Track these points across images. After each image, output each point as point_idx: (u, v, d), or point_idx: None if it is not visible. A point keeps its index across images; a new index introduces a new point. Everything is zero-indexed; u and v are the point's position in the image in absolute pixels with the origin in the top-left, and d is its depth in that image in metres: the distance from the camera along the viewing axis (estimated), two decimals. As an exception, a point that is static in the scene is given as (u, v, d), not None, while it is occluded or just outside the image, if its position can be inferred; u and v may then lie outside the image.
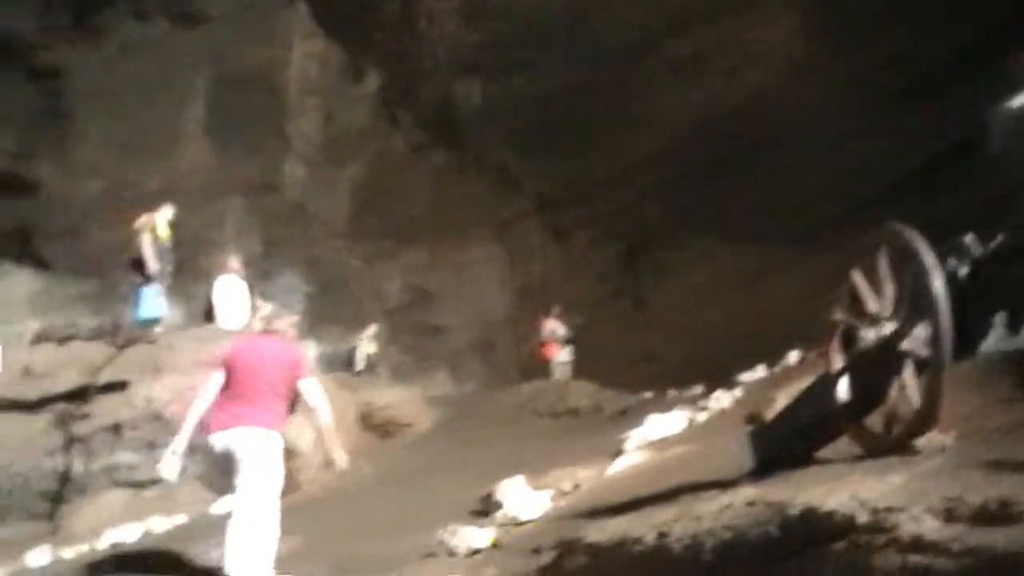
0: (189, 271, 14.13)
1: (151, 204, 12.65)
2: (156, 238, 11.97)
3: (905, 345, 3.69)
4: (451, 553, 5.85)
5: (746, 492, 3.58)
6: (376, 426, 11.68)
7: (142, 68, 17.73)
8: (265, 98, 18.66)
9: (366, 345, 16.52)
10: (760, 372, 10.21)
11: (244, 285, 13.14)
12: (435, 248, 20.32)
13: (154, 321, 11.14)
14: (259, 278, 14.69)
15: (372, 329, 17.00)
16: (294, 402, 6.18)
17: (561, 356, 16.93)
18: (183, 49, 17.83)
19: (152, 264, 11.64)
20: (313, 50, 19.25)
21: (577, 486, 6.90)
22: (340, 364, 15.63)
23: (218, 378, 6.17)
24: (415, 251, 20.11)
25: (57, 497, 9.61)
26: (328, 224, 19.30)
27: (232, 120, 18.19)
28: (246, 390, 5.97)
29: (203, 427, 6.11)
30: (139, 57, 17.56)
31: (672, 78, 18.78)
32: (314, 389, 6.21)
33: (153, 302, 11.68)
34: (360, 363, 16.16)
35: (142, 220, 12.12)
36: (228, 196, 17.92)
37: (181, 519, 8.79)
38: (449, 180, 20.40)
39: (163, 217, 12.27)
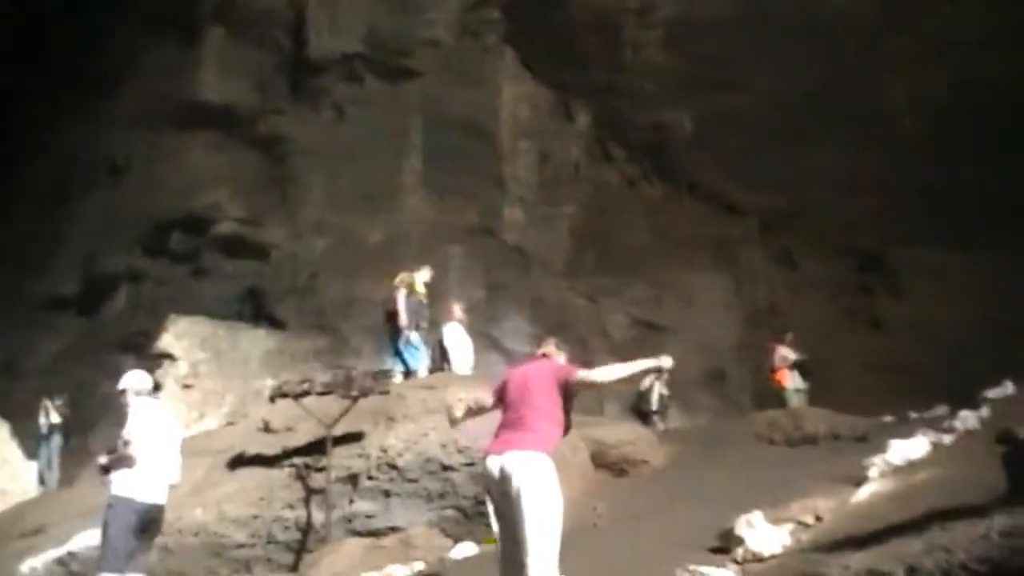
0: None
1: (377, 258, 13.11)
2: (412, 293, 12.72)
3: None
4: None
5: (1002, 521, 3.23)
6: (609, 464, 11.50)
7: (358, 127, 18.39)
8: (479, 144, 19.01)
9: (659, 387, 16.41)
10: (1009, 388, 9.51)
11: (465, 330, 13.50)
12: (658, 280, 20.09)
13: (388, 372, 11.45)
14: (484, 322, 14.85)
15: (665, 374, 16.86)
16: (567, 423, 6.00)
17: (795, 382, 16.30)
18: (396, 104, 18.41)
19: (404, 317, 12.38)
20: (522, 92, 19.51)
21: (819, 518, 6.54)
22: (629, 406, 15.79)
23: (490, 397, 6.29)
24: (638, 284, 19.94)
25: (299, 547, 9.87)
26: (549, 264, 19.41)
27: (448, 168, 18.60)
28: (512, 414, 5.93)
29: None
30: (354, 117, 18.25)
31: (896, 75, 17.94)
32: (587, 372, 6.00)
33: (408, 353, 12.38)
34: (655, 403, 16.09)
35: (401, 276, 12.92)
36: (449, 243, 18.29)
37: (419, 566, 8.85)
38: (667, 210, 20.18)
39: (421, 277, 13.13)
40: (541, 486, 5.59)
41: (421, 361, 12.67)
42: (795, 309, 19.52)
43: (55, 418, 16.04)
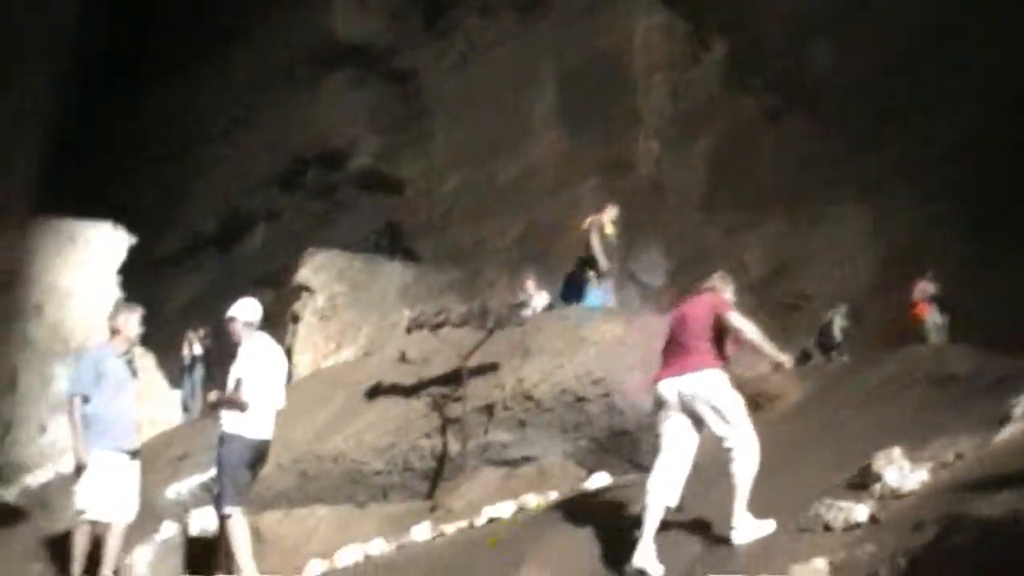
0: (549, 257, 14.43)
1: (510, 193, 13.09)
2: (604, 236, 12.70)
3: None
4: (827, 528, 5.61)
5: None
6: (745, 399, 11.32)
7: (492, 63, 18.28)
8: (613, 78, 18.70)
9: (840, 319, 16.19)
10: None
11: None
12: (795, 215, 19.54)
13: (524, 305, 11.45)
14: (621, 257, 14.68)
15: (843, 307, 16.64)
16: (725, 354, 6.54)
17: (934, 317, 15.77)
18: (529, 39, 18.23)
19: (603, 261, 12.40)
20: (656, 24, 19.09)
21: (959, 457, 6.28)
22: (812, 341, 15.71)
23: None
24: (775, 219, 19.44)
25: (435, 475, 9.96)
26: (685, 198, 19.07)
27: (582, 104, 18.36)
28: (677, 341, 6.53)
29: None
30: (488, 52, 18.13)
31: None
32: (737, 318, 6.48)
33: (602, 298, 12.41)
34: (838, 336, 15.92)
35: (591, 220, 12.93)
36: (583, 178, 18.11)
37: (554, 496, 8.83)
38: (805, 144, 19.54)
39: (608, 216, 13.00)
40: (725, 392, 6.33)
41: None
42: (936, 245, 18.77)
43: (197, 350, 16.54)
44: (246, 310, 8.46)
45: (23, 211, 17.86)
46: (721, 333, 6.47)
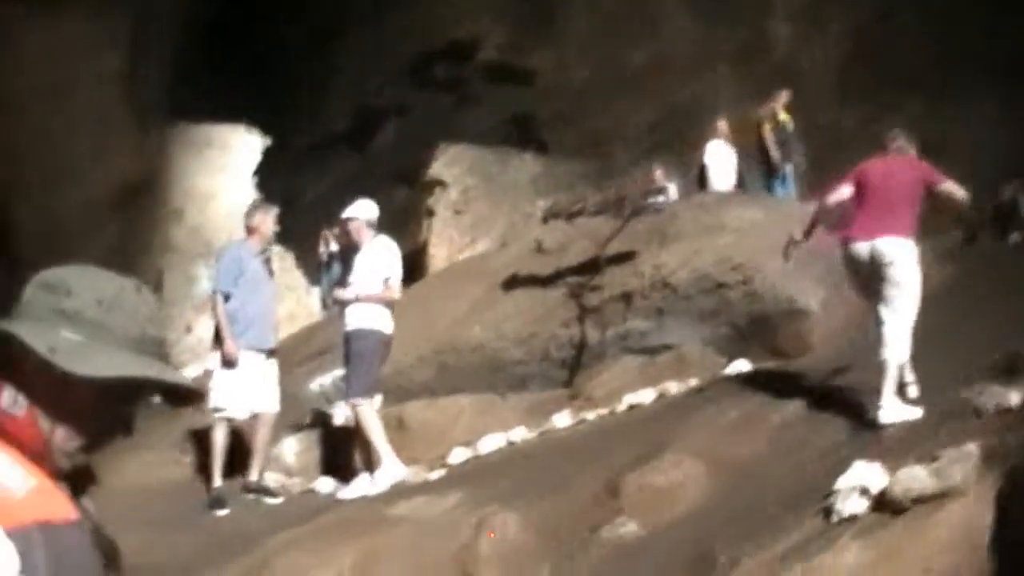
0: (683, 144, 14.17)
1: (642, 79, 12.79)
2: (776, 125, 12.41)
3: None
4: (977, 413, 5.44)
5: None
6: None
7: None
8: (746, -43, 18.05)
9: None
10: None
11: (732, 149, 13.14)
12: (935, 100, 18.72)
13: (662, 190, 11.24)
14: (755, 141, 14.31)
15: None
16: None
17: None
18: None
19: (774, 153, 12.16)
20: None
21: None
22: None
23: (844, 191, 6.75)
24: (914, 102, 18.64)
25: (573, 364, 9.98)
26: (819, 82, 18.41)
27: (714, -14, 17.78)
28: (878, 204, 6.45)
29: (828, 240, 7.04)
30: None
31: None
32: (951, 185, 6.54)
33: (783, 189, 12.25)
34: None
35: (762, 110, 12.64)
36: (715, 64, 17.64)
37: (694, 383, 8.78)
38: (946, 21, 18.62)
39: (781, 103, 12.74)
40: (909, 268, 6.28)
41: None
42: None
43: (333, 247, 16.80)
44: (367, 210, 8.55)
45: (160, 118, 18.27)
46: (919, 202, 6.50)
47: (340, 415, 9.44)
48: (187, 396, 1.90)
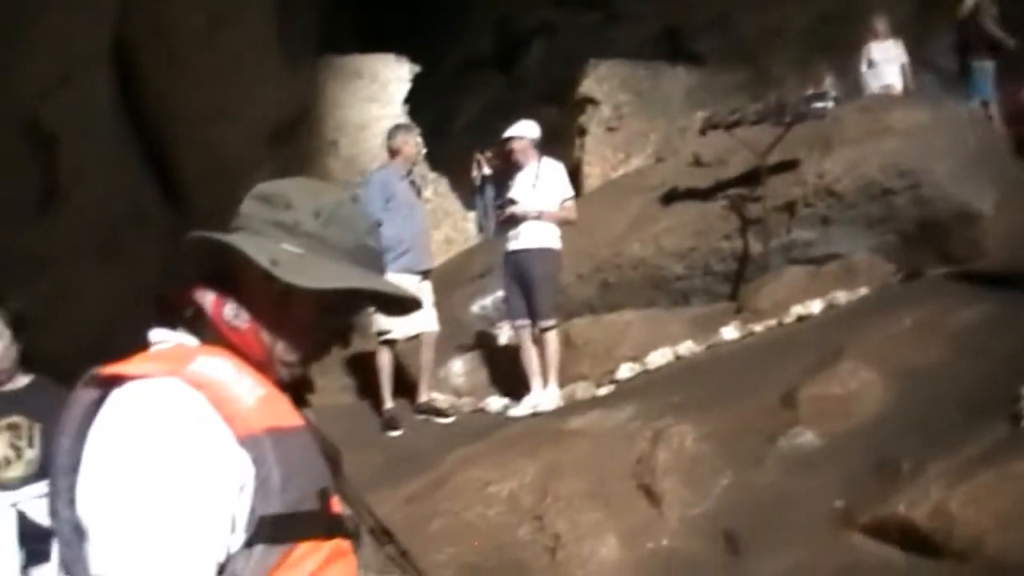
0: (841, 47, 13.71)
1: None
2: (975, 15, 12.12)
3: None
4: None
5: None
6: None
7: None
8: None
9: None
10: None
11: (894, 48, 12.67)
12: None
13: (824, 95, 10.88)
14: (914, 41, 13.75)
15: None
16: None
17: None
18: None
19: (998, 33, 11.82)
20: None
21: None
22: None
23: None
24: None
25: (736, 277, 9.88)
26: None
27: None
28: None
29: None
30: None
31: None
32: None
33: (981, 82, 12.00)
34: None
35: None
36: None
37: (863, 291, 8.61)
38: None
39: None
40: None
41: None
42: None
43: (486, 170, 16.88)
44: (531, 129, 8.56)
45: (310, 51, 18.53)
46: None
47: (504, 335, 9.60)
48: (404, 306, 1.90)
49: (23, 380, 4.69)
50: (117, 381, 1.64)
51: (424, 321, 8.34)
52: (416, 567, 2.13)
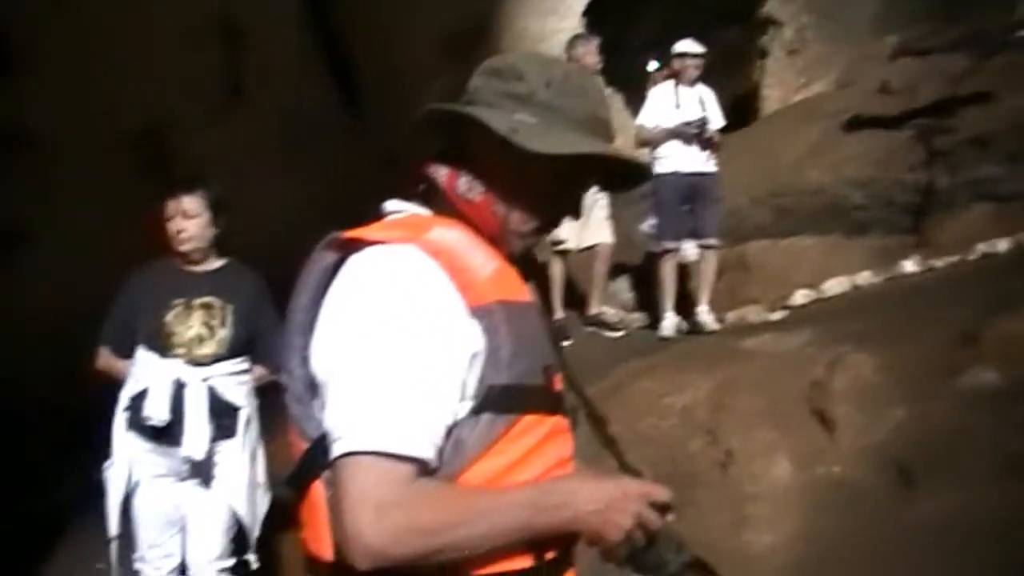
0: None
1: None
2: None
3: None
4: None
5: None
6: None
7: None
8: None
9: None
10: None
11: None
12: None
13: None
14: None
15: None
16: None
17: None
18: None
19: None
20: None
21: None
22: None
23: None
24: None
25: (919, 210, 9.61)
26: None
27: None
28: None
29: None
30: None
31: None
32: None
33: None
34: None
35: None
36: None
37: (1056, 232, 8.30)
38: None
39: None
40: None
41: None
42: None
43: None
44: (698, 47, 8.53)
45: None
46: None
47: (681, 254, 9.63)
48: (632, 177, 1.93)
49: (217, 263, 4.95)
50: (356, 245, 1.71)
51: (599, 232, 8.44)
52: (621, 457, 2.18)
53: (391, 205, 1.88)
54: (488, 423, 1.63)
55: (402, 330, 1.58)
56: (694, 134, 8.24)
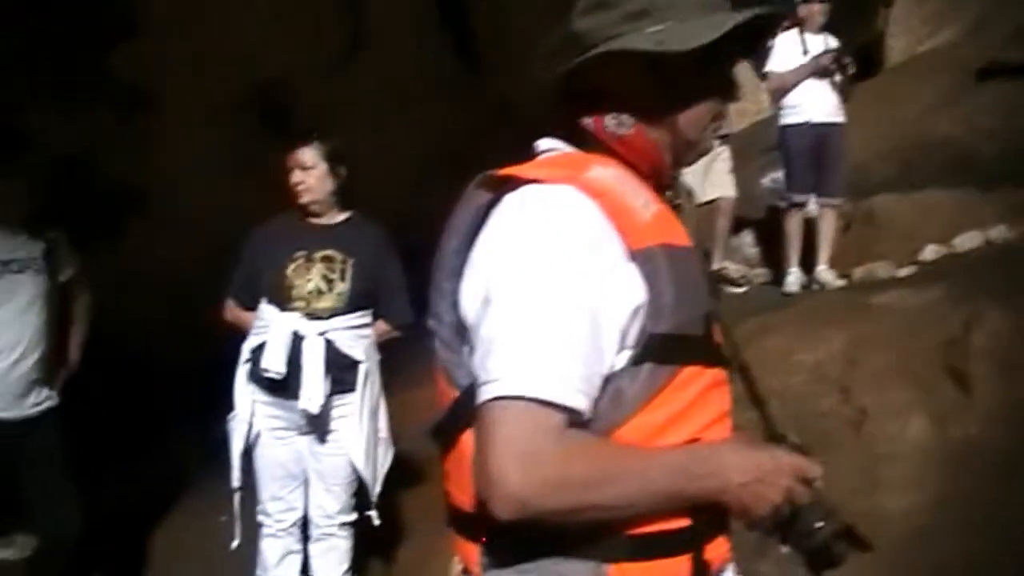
0: None
1: None
2: None
3: None
4: None
5: None
6: None
7: None
8: None
9: None
10: None
11: None
12: None
13: None
14: None
15: None
16: None
17: None
18: None
19: None
20: None
21: None
22: None
23: None
24: None
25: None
26: None
27: None
28: None
29: None
30: None
31: None
32: None
33: None
34: None
35: None
36: None
37: None
38: None
39: None
40: None
41: None
42: None
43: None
44: None
45: None
46: None
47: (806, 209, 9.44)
48: (771, 27, 1.88)
49: (339, 216, 4.92)
50: (511, 184, 1.64)
51: (721, 186, 8.31)
52: (770, 419, 2.10)
53: (544, 143, 1.81)
54: (649, 374, 1.56)
55: (559, 274, 1.51)
56: (832, 68, 7.97)
